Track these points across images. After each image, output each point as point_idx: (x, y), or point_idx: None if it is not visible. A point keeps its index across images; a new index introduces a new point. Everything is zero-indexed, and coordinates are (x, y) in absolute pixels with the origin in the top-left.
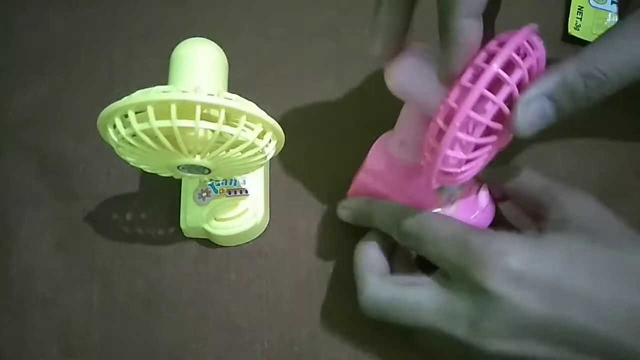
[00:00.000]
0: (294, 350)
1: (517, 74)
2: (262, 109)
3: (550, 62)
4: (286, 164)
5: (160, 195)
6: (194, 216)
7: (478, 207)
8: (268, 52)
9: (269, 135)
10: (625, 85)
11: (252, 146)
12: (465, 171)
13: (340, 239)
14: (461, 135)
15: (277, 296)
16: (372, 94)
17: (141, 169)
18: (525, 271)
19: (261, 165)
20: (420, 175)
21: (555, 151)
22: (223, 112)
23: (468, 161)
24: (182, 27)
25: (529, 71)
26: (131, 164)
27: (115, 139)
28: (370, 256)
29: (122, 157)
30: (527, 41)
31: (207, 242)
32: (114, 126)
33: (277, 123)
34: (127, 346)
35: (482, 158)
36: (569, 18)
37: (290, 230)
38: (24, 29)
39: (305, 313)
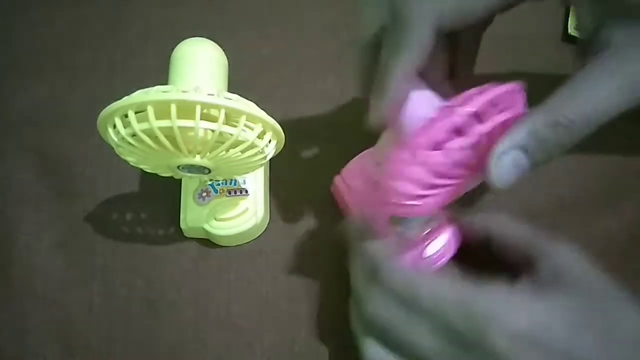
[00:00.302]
0: (294, 351)
1: (487, 126)
2: (262, 109)
3: (551, 60)
4: (286, 163)
5: (160, 195)
6: (194, 216)
7: (423, 255)
8: (268, 52)
9: (268, 135)
10: (593, 129)
11: (252, 146)
12: (417, 205)
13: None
14: (414, 172)
15: (277, 296)
16: None
17: (141, 169)
18: (532, 333)
19: (261, 165)
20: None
21: None
22: (223, 112)
23: (421, 196)
24: (182, 27)
25: (505, 124)
26: (131, 164)
27: (115, 139)
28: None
29: (122, 157)
30: (511, 96)
31: (207, 242)
32: (114, 126)
33: (277, 123)
34: (127, 346)
35: (438, 196)
36: (569, 18)
37: (290, 230)
38: (24, 29)
39: (305, 313)
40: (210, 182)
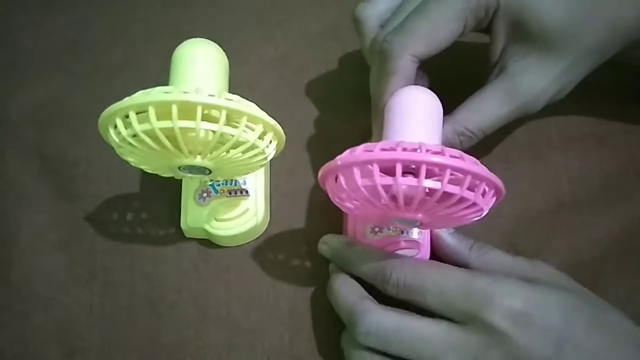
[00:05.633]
0: (294, 351)
1: (430, 183)
2: (262, 110)
3: None
4: (286, 164)
5: (160, 195)
6: (194, 216)
7: None
8: (269, 52)
9: (269, 136)
10: (486, 135)
11: (253, 147)
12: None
13: None
14: (356, 173)
15: (277, 296)
16: None
17: (142, 170)
18: (529, 314)
19: (262, 165)
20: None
21: (556, 151)
22: (224, 112)
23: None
24: (182, 28)
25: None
26: (132, 164)
27: (117, 140)
28: (355, 285)
29: (123, 157)
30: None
31: (208, 242)
32: (115, 127)
33: (277, 124)
34: (128, 346)
35: (360, 208)
36: None
37: (290, 230)
38: (24, 29)
39: (306, 313)
40: (210, 183)
